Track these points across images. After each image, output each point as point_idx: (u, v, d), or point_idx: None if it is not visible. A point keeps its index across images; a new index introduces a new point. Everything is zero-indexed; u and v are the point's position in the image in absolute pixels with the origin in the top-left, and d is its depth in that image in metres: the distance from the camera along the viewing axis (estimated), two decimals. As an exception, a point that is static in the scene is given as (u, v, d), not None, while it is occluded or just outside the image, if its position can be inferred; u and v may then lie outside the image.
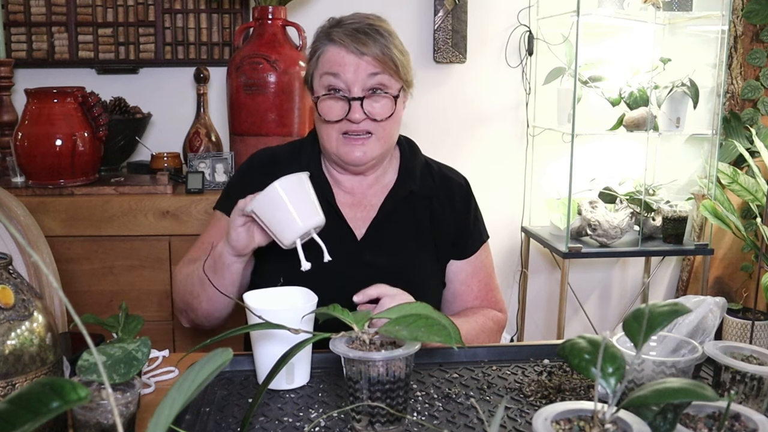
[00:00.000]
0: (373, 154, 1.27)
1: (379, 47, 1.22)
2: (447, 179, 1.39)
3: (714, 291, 2.70)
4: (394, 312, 0.87)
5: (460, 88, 2.61)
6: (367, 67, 1.23)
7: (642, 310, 0.71)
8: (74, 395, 0.48)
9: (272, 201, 1.09)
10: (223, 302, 1.25)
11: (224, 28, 2.43)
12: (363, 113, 1.23)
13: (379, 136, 1.26)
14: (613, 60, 2.52)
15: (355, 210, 1.34)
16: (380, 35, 1.23)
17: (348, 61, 1.23)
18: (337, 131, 1.26)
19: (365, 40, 1.22)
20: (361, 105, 1.23)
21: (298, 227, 1.09)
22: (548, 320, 2.82)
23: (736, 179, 2.48)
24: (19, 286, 0.85)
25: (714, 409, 0.71)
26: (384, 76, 1.24)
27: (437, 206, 1.35)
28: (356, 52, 1.22)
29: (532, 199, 2.68)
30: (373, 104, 1.24)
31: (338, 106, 1.24)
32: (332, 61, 1.24)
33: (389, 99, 1.25)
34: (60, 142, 1.92)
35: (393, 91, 1.26)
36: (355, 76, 1.23)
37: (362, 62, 1.22)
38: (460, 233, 1.37)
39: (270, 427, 0.91)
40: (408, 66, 1.29)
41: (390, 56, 1.23)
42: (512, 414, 0.95)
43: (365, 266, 1.29)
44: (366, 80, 1.23)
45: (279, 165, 1.36)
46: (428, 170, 1.38)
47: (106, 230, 1.93)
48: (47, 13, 2.37)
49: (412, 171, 1.36)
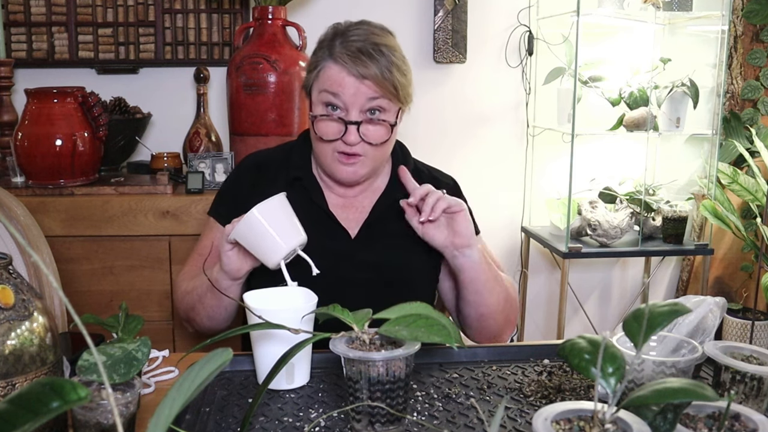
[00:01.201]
0: (363, 172, 1.29)
1: (380, 70, 1.21)
2: (435, 180, 1.40)
3: (714, 291, 2.70)
4: (394, 312, 0.87)
5: (460, 88, 2.61)
6: (367, 92, 1.22)
7: (642, 310, 0.71)
8: (74, 395, 0.48)
9: (252, 227, 1.12)
10: (222, 317, 1.29)
11: (224, 28, 2.43)
12: (359, 137, 1.24)
13: (371, 157, 1.27)
14: (613, 60, 2.52)
15: (347, 211, 1.35)
16: (382, 54, 1.22)
17: (348, 83, 1.22)
18: (332, 149, 1.27)
19: (367, 62, 1.21)
20: (357, 129, 1.23)
21: (281, 249, 1.12)
22: (548, 320, 2.82)
23: (736, 179, 2.48)
24: (19, 286, 0.85)
25: (714, 409, 0.71)
26: (383, 100, 1.23)
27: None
28: (357, 75, 1.21)
29: (532, 199, 2.68)
30: (370, 128, 1.24)
31: (335, 126, 1.25)
32: (332, 79, 1.23)
33: (386, 126, 1.25)
34: (60, 142, 1.92)
35: (390, 117, 1.26)
36: (354, 99, 1.22)
37: (362, 86, 1.22)
38: None
39: (270, 427, 0.91)
40: (408, 86, 1.28)
41: (391, 80, 1.22)
42: (512, 414, 0.95)
43: (359, 264, 1.30)
44: (364, 103, 1.23)
45: (268, 169, 1.38)
46: (418, 174, 1.39)
47: (106, 230, 1.93)
48: (47, 13, 2.37)
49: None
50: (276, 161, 1.39)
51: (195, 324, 1.33)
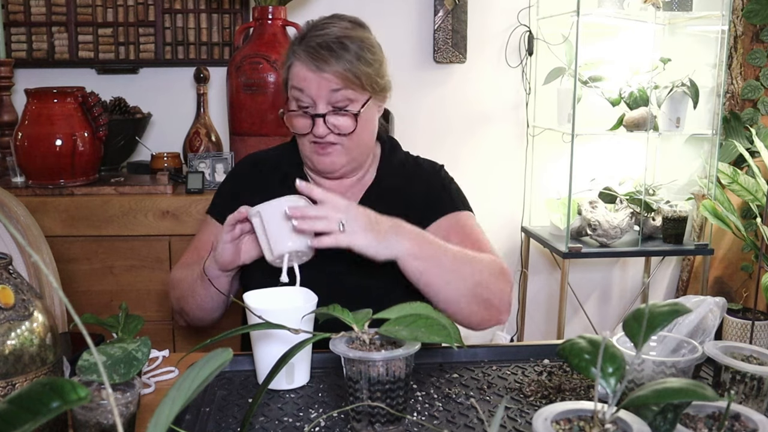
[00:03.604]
0: (341, 161, 1.30)
1: (341, 64, 1.22)
2: (420, 167, 1.42)
3: (714, 291, 2.70)
4: (394, 312, 0.87)
5: (460, 88, 2.61)
6: (329, 84, 1.24)
7: (642, 310, 0.71)
8: (74, 395, 0.48)
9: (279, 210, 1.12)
10: (212, 308, 1.31)
11: (224, 28, 2.43)
12: (326, 128, 1.26)
13: (346, 146, 1.29)
14: (613, 60, 2.52)
15: None
16: (343, 47, 1.23)
17: (310, 78, 1.24)
18: (308, 140, 1.29)
19: (326, 56, 1.22)
20: (324, 121, 1.25)
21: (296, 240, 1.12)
22: (548, 320, 2.82)
23: (736, 179, 2.48)
24: (19, 286, 0.85)
25: (714, 409, 0.71)
26: (347, 90, 1.25)
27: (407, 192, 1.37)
28: (316, 70, 1.23)
29: (532, 199, 2.68)
30: (338, 118, 1.26)
31: (303, 120, 1.27)
32: (298, 76, 1.26)
33: (350, 116, 1.26)
34: (60, 142, 1.92)
35: (356, 106, 1.26)
36: (318, 92, 1.24)
37: (323, 80, 1.23)
38: (426, 199, 1.37)
39: (270, 427, 0.91)
40: (378, 74, 1.28)
41: (354, 71, 1.23)
42: (512, 414, 0.95)
43: (348, 257, 1.29)
44: (329, 95, 1.24)
45: (264, 168, 1.41)
46: (403, 165, 1.41)
47: (106, 230, 1.93)
48: (47, 13, 2.37)
49: (390, 169, 1.39)
50: (271, 160, 1.42)
51: (186, 314, 1.35)
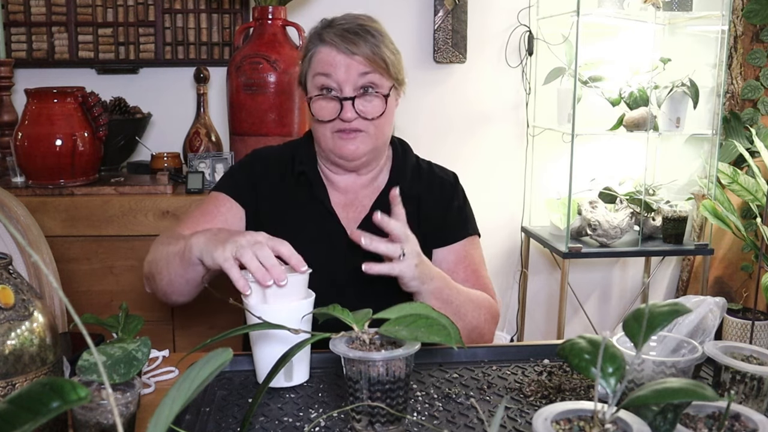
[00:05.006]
0: (365, 149, 1.30)
1: (369, 47, 1.25)
2: (435, 176, 1.42)
3: (714, 291, 2.70)
4: (394, 312, 0.87)
5: (460, 88, 2.61)
6: (358, 67, 1.25)
7: (642, 310, 0.71)
8: (74, 395, 0.48)
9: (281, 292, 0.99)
10: (180, 288, 1.21)
11: (224, 28, 2.43)
12: (355, 112, 1.26)
13: (371, 133, 1.29)
14: (613, 60, 2.52)
15: (348, 210, 1.37)
16: (371, 35, 1.26)
17: (339, 61, 1.25)
18: (330, 130, 1.29)
19: (356, 40, 1.25)
20: (352, 104, 1.25)
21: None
22: (548, 320, 2.82)
23: (736, 179, 2.48)
24: (19, 286, 0.85)
25: (714, 409, 0.71)
26: (375, 75, 1.26)
27: (424, 202, 1.37)
28: (347, 52, 1.25)
29: (532, 199, 2.68)
30: (365, 103, 1.27)
31: (330, 105, 1.27)
32: (324, 61, 1.26)
33: (380, 98, 1.28)
34: (60, 142, 1.92)
35: (384, 89, 1.28)
36: (347, 76, 1.25)
37: (353, 62, 1.25)
38: (444, 220, 1.38)
39: (270, 427, 0.91)
40: (399, 65, 1.31)
41: (380, 55, 1.26)
42: (512, 414, 0.95)
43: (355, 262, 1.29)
44: (357, 79, 1.26)
45: (276, 163, 1.40)
46: (418, 170, 1.41)
47: (106, 230, 1.93)
48: (47, 13, 2.37)
49: (403, 172, 1.39)
50: (283, 157, 1.41)
51: (154, 283, 1.26)
